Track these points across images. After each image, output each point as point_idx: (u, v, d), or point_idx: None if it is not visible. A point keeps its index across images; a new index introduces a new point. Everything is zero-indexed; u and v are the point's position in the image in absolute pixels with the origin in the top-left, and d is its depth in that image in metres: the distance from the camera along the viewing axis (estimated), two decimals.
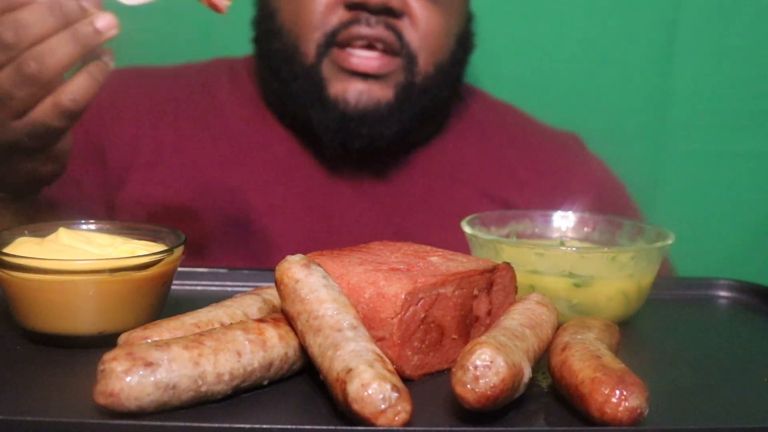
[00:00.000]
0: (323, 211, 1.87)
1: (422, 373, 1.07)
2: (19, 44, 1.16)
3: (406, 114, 1.80)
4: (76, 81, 1.20)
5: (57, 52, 1.17)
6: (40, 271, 1.09)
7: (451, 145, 1.98)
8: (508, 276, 1.15)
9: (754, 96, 2.29)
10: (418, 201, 1.92)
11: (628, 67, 2.28)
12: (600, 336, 1.07)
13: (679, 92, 2.28)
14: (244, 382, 0.98)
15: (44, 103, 1.20)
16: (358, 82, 1.76)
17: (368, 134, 1.79)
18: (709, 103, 2.28)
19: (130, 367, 0.90)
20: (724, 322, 1.41)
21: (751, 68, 2.29)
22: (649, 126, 2.30)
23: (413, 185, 1.93)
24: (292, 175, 1.89)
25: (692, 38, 2.26)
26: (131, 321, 1.11)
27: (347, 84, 1.76)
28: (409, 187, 1.92)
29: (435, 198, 1.92)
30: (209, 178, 1.87)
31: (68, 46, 1.17)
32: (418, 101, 1.80)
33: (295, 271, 1.02)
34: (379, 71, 1.75)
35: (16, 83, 1.18)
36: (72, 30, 1.17)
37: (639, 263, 1.30)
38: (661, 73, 2.28)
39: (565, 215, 1.49)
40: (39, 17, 1.16)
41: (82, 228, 1.26)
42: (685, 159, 2.30)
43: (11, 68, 1.17)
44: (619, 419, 0.91)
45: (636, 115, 2.30)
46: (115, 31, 1.20)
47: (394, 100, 1.78)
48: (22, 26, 1.15)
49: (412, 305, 1.04)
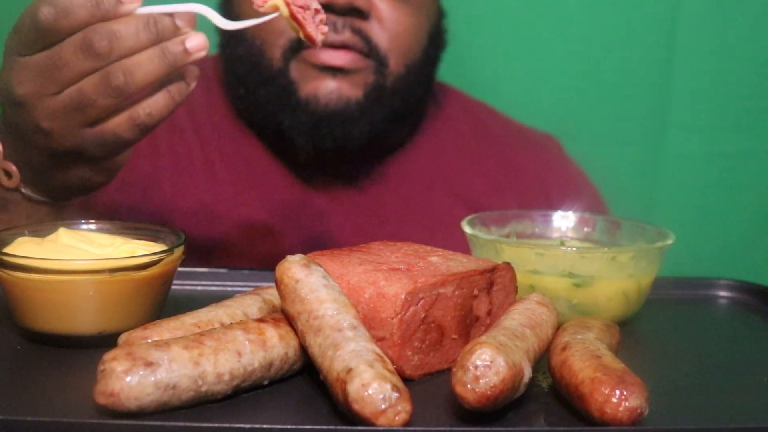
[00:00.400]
0: (297, 222, 1.85)
1: (422, 373, 1.07)
2: (111, 55, 1.17)
3: (377, 115, 1.77)
4: (155, 98, 1.22)
5: (145, 68, 1.18)
6: (40, 271, 1.09)
7: (426, 149, 1.95)
8: (508, 276, 1.15)
9: (754, 96, 2.30)
10: (394, 209, 1.90)
11: (628, 67, 2.28)
12: (600, 336, 1.07)
13: (679, 92, 2.28)
14: (244, 382, 0.98)
15: (120, 115, 1.22)
16: (328, 79, 1.72)
17: (339, 134, 1.75)
18: (709, 104, 2.28)
19: (130, 367, 0.90)
20: (724, 322, 1.41)
21: (750, 68, 2.29)
22: (648, 126, 2.30)
23: (388, 193, 1.90)
24: (264, 186, 1.86)
25: (692, 38, 2.26)
26: (131, 321, 1.10)
27: (318, 83, 1.72)
28: (385, 196, 1.90)
29: (411, 205, 1.90)
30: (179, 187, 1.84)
31: (156, 62, 1.18)
32: (389, 102, 1.77)
33: (295, 271, 1.02)
34: (350, 65, 1.72)
35: (100, 92, 1.18)
36: (162, 47, 1.18)
37: (639, 263, 1.30)
38: (660, 73, 2.28)
39: (565, 215, 1.49)
40: (133, 31, 1.17)
41: (82, 228, 1.26)
42: (684, 159, 2.30)
43: (98, 77, 1.18)
44: (619, 419, 0.91)
45: (636, 115, 2.30)
46: (204, 52, 1.21)
47: (363, 99, 1.74)
48: (116, 38, 1.16)
49: (413, 305, 1.04)
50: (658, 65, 2.28)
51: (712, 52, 2.27)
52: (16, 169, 1.33)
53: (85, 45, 1.16)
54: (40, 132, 1.24)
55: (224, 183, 1.87)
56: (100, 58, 1.17)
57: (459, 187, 1.93)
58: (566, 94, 2.28)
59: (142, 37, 1.17)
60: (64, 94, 1.20)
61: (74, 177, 1.33)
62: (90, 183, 1.36)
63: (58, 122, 1.22)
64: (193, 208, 1.83)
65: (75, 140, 1.24)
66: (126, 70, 1.17)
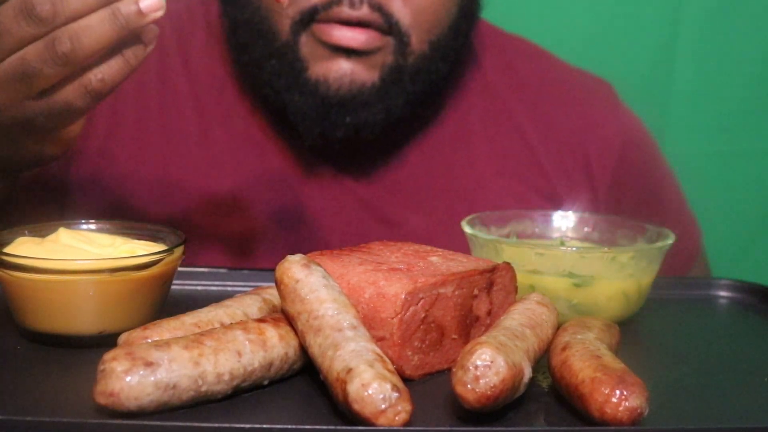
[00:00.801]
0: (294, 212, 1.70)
1: (422, 373, 1.07)
2: (55, 19, 1.06)
3: (394, 100, 1.59)
4: (108, 63, 1.11)
5: (94, 32, 1.06)
6: (40, 271, 1.09)
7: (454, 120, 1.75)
8: (508, 276, 1.15)
9: (754, 96, 2.30)
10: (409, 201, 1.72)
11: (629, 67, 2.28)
12: (600, 336, 1.07)
13: (680, 93, 2.29)
14: (244, 382, 0.98)
15: (70, 84, 1.11)
16: (341, 59, 1.54)
17: (352, 123, 1.58)
18: (709, 104, 2.29)
19: (130, 367, 0.90)
20: (724, 322, 1.41)
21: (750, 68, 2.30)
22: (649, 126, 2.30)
23: (404, 183, 1.72)
24: (261, 166, 1.69)
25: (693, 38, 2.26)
26: (131, 321, 1.10)
27: (329, 63, 1.54)
28: (400, 185, 1.71)
29: (430, 198, 1.72)
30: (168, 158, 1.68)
31: (107, 26, 1.07)
32: (408, 85, 1.59)
33: (295, 271, 1.02)
34: (367, 46, 1.53)
35: (45, 61, 1.07)
36: (113, 8, 1.07)
37: (639, 263, 1.30)
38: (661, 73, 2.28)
39: (565, 215, 1.49)
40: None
41: (82, 228, 1.26)
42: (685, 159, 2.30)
43: (42, 44, 1.07)
44: (619, 419, 0.91)
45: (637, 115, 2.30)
46: (160, 12, 1.09)
47: (379, 84, 1.56)
48: (61, 0, 1.06)
49: (413, 305, 1.04)
50: (659, 66, 2.28)
51: (712, 53, 2.27)
52: None
53: (26, 9, 1.05)
54: None
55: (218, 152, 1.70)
56: (42, 23, 1.06)
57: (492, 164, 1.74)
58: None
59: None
60: (6, 63, 1.09)
61: (24, 149, 1.23)
62: (41, 155, 1.26)
63: (2, 93, 1.12)
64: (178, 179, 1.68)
65: (22, 112, 1.13)
66: (73, 35, 1.06)
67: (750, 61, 2.29)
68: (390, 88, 1.58)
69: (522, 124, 1.80)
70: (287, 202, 1.70)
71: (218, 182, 1.69)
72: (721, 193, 2.32)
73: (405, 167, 1.74)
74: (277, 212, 1.70)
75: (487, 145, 1.78)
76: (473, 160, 1.76)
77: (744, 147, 2.31)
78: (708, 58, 2.27)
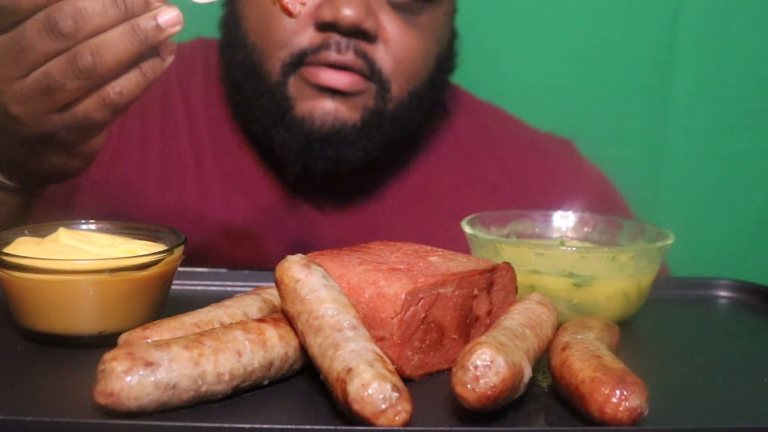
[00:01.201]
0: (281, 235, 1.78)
1: (422, 373, 1.07)
2: (77, 34, 1.10)
3: (373, 141, 1.70)
4: (126, 75, 1.14)
5: (115, 46, 1.10)
6: (40, 271, 1.09)
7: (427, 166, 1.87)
8: (508, 276, 1.15)
9: (754, 96, 2.30)
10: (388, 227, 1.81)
11: (629, 68, 2.28)
12: (600, 336, 1.08)
13: (680, 93, 2.29)
14: (244, 382, 0.98)
15: (90, 97, 1.15)
16: (326, 99, 1.65)
17: (332, 157, 1.68)
18: (709, 104, 2.29)
19: (130, 367, 0.90)
20: (724, 322, 1.41)
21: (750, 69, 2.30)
22: (649, 126, 2.30)
23: (383, 213, 1.82)
24: (250, 192, 1.80)
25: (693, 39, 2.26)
26: (131, 321, 1.10)
27: (315, 102, 1.65)
28: (378, 214, 1.82)
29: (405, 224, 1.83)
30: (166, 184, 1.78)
31: (127, 40, 1.11)
32: (387, 128, 1.70)
33: (295, 271, 1.02)
34: (351, 88, 1.64)
35: (68, 74, 1.11)
36: (133, 23, 1.11)
37: (639, 263, 1.30)
38: (661, 73, 2.28)
39: (565, 215, 1.49)
40: (101, 8, 1.10)
41: (82, 228, 1.26)
42: (685, 159, 2.31)
43: (65, 58, 1.11)
44: (619, 419, 0.91)
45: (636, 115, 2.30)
46: (178, 27, 1.13)
47: (360, 124, 1.67)
48: (82, 16, 1.09)
49: (413, 305, 1.04)
50: (659, 66, 2.28)
51: (712, 53, 2.27)
52: None
53: (49, 25, 1.09)
54: (8, 117, 1.17)
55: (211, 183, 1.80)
56: (65, 38, 1.10)
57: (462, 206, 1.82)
58: (567, 95, 2.28)
59: (110, 14, 1.10)
60: (31, 77, 1.13)
61: (47, 163, 1.27)
62: (65, 169, 1.30)
63: (26, 107, 1.16)
64: (175, 207, 1.77)
65: (45, 125, 1.17)
66: (94, 49, 1.10)
67: (750, 61, 2.29)
68: (370, 130, 1.69)
69: (487, 176, 1.92)
70: (272, 233, 1.79)
71: (208, 211, 1.79)
72: (721, 193, 2.32)
73: (382, 204, 1.85)
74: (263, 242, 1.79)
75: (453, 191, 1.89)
76: (439, 204, 1.87)
77: (744, 147, 2.31)
78: (708, 58, 2.27)
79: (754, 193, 2.34)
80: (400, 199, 1.85)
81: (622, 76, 2.28)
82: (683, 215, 2.28)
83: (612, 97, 2.29)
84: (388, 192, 1.85)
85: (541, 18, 2.28)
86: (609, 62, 2.27)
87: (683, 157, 2.30)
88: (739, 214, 2.34)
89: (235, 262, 1.73)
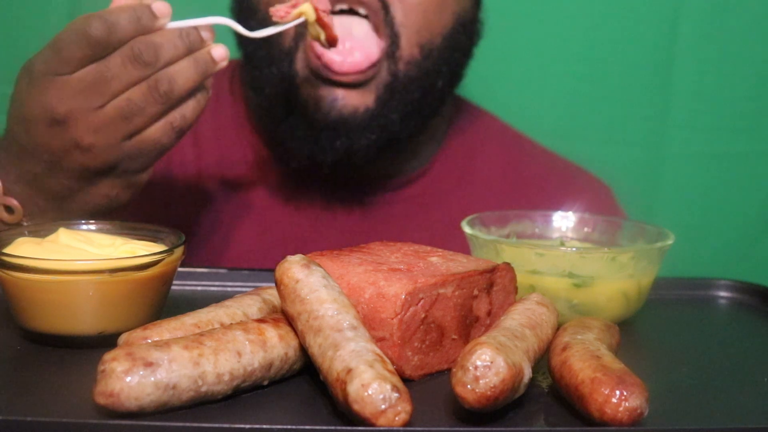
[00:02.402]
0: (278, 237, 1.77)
1: (422, 374, 1.07)
2: (156, 64, 1.25)
3: (388, 118, 1.62)
4: (187, 103, 1.30)
5: (184, 75, 1.27)
6: (40, 271, 1.09)
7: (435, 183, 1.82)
8: (508, 276, 1.15)
9: (754, 96, 2.30)
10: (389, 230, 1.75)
11: (629, 68, 2.28)
12: (600, 336, 1.07)
13: (680, 93, 2.28)
14: (244, 382, 0.98)
15: (158, 123, 1.29)
16: (336, 87, 1.60)
17: (342, 147, 1.62)
18: (709, 104, 2.28)
19: (130, 367, 0.90)
20: (724, 322, 1.41)
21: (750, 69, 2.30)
22: (649, 127, 2.30)
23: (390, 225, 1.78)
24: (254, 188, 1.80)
25: (693, 39, 2.26)
26: (131, 321, 1.11)
27: (325, 89, 1.60)
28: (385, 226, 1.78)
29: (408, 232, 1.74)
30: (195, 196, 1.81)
31: (192, 70, 1.28)
32: (402, 97, 1.62)
33: (295, 272, 1.02)
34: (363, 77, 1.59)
35: (148, 100, 1.26)
36: (195, 56, 1.28)
37: (639, 263, 1.30)
38: (661, 74, 2.28)
39: (565, 215, 1.49)
40: (170, 41, 1.26)
41: (82, 228, 1.26)
42: (685, 159, 2.30)
43: (145, 86, 1.26)
44: (619, 419, 0.91)
45: (636, 116, 2.30)
46: (226, 62, 1.31)
47: (374, 106, 1.61)
48: (159, 48, 1.25)
49: (413, 305, 1.04)
50: (659, 66, 2.28)
51: (712, 53, 2.27)
52: (18, 203, 1.33)
53: (134, 56, 1.24)
54: (78, 149, 1.27)
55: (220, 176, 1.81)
56: (147, 67, 1.25)
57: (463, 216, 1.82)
58: (567, 95, 2.28)
59: (179, 47, 1.26)
60: (110, 105, 1.26)
61: (98, 196, 1.35)
62: (112, 202, 1.36)
63: (100, 136, 1.27)
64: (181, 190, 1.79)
65: (114, 153, 1.29)
66: (170, 77, 1.26)
67: (750, 61, 2.28)
68: (385, 106, 1.62)
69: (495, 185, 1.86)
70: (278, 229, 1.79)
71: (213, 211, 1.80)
72: (721, 193, 2.32)
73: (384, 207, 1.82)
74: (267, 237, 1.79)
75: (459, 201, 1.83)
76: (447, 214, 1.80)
77: (744, 147, 2.31)
78: (708, 59, 2.27)
79: (754, 193, 2.34)
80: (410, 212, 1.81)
81: (623, 76, 2.28)
82: (683, 215, 2.28)
83: (612, 97, 2.28)
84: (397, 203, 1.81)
85: (541, 18, 2.28)
86: (609, 63, 2.27)
87: (683, 157, 2.30)
88: (738, 214, 2.34)
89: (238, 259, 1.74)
